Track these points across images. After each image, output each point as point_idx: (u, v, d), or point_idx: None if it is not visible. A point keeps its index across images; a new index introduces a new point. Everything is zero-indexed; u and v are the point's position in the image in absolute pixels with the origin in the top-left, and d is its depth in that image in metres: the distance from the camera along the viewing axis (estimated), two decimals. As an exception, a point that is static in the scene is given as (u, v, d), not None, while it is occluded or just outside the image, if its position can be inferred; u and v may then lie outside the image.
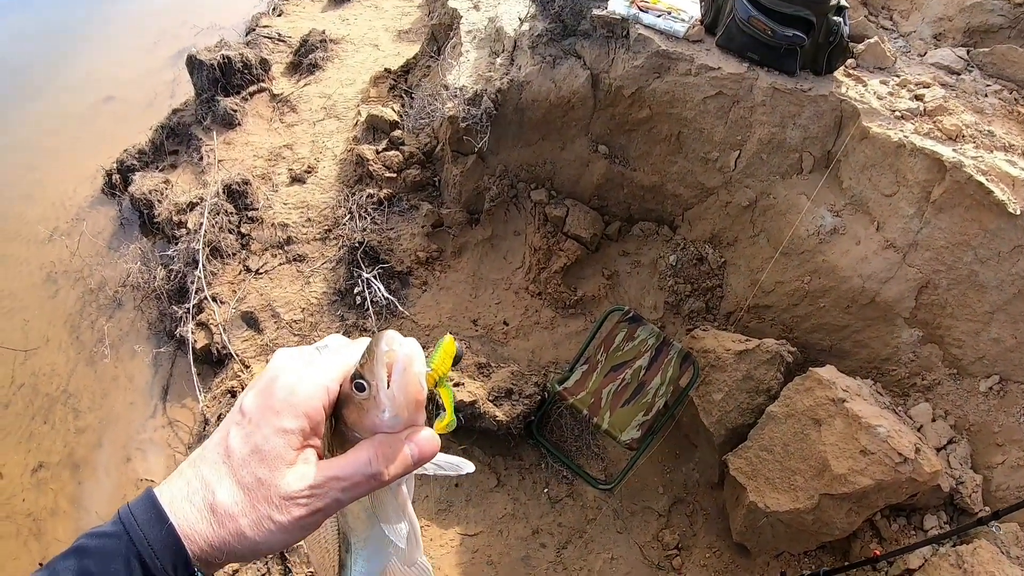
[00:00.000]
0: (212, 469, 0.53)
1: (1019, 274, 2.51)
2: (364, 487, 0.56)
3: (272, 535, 0.52)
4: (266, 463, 0.52)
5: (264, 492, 0.52)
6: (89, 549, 0.50)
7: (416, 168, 3.65)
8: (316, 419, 0.55)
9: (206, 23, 5.65)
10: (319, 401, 0.55)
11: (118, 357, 3.84)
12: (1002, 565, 2.18)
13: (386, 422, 0.56)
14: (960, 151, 2.66)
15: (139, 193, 4.22)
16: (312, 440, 0.55)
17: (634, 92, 3.12)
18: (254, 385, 0.58)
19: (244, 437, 0.54)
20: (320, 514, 0.54)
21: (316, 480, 0.53)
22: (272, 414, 0.54)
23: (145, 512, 0.51)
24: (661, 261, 3.31)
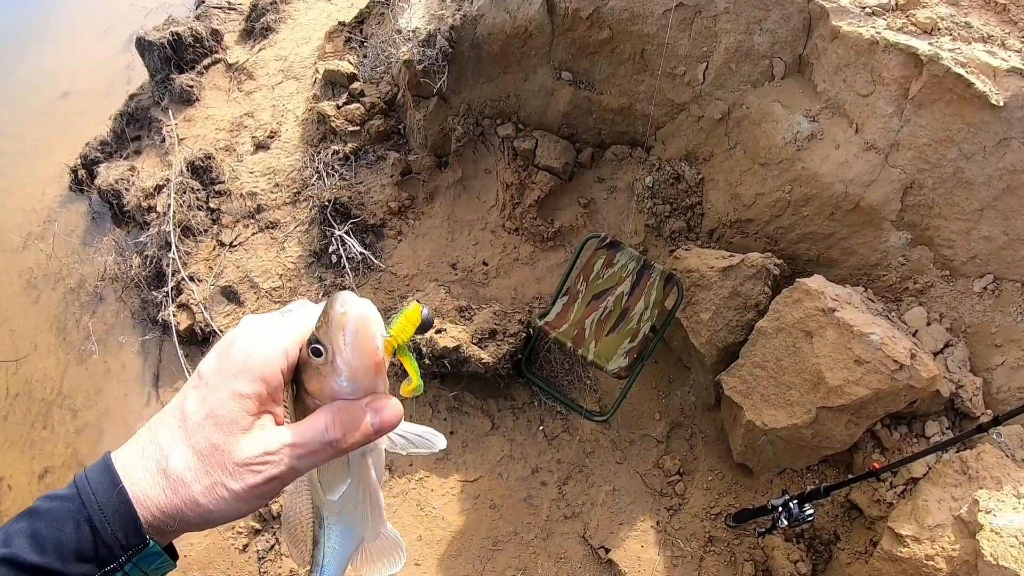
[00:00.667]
0: (167, 434, 0.52)
1: (1007, 168, 2.40)
2: (321, 455, 0.53)
3: (225, 503, 0.51)
4: (220, 428, 0.51)
5: (218, 458, 0.50)
6: (41, 511, 0.49)
7: (379, 118, 3.53)
8: (274, 384, 0.53)
9: (155, 3, 5.47)
10: (277, 365, 0.53)
11: (106, 351, 3.82)
12: (1007, 468, 2.13)
13: (344, 388, 0.54)
14: (936, 44, 2.52)
15: (106, 185, 4.13)
16: (270, 406, 0.53)
17: (591, 13, 2.98)
18: (214, 349, 0.56)
19: (200, 401, 0.52)
20: (275, 482, 0.52)
21: (271, 446, 0.51)
22: (228, 377, 0.52)
23: (99, 476, 0.50)
24: (637, 183, 3.20)
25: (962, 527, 2.08)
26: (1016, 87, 2.32)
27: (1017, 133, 2.34)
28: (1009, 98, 2.32)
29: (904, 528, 2.15)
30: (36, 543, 0.48)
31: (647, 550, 2.64)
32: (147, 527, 0.49)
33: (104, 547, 0.48)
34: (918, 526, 2.15)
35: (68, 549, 0.48)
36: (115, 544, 0.48)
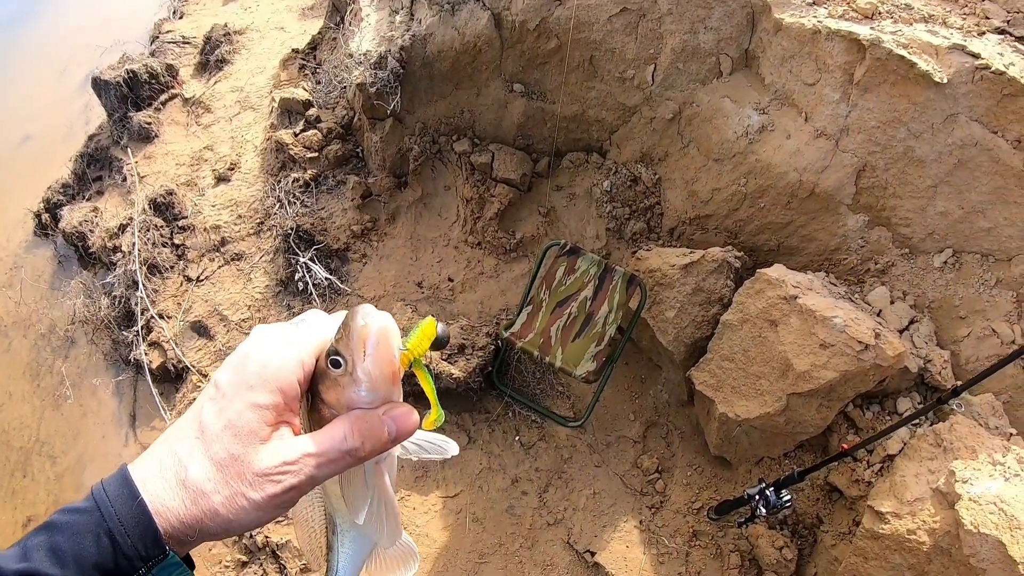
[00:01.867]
0: (185, 445, 0.52)
1: (956, 143, 2.42)
2: (340, 464, 0.54)
3: (245, 513, 0.51)
4: (239, 438, 0.51)
5: (237, 468, 0.50)
6: (60, 524, 0.49)
7: (336, 143, 3.51)
8: (291, 394, 0.53)
9: (109, 41, 5.43)
10: (293, 375, 0.53)
11: (81, 395, 3.77)
12: (981, 437, 2.12)
13: (363, 398, 0.54)
14: (878, 28, 2.56)
15: (70, 227, 4.08)
16: (287, 416, 0.54)
17: (538, 24, 3.00)
18: (229, 361, 0.56)
19: (217, 412, 0.52)
20: (294, 491, 0.52)
21: (290, 456, 0.52)
22: (245, 388, 0.52)
23: (117, 488, 0.50)
24: (595, 189, 3.20)
25: (940, 499, 2.08)
26: (958, 63, 2.34)
27: (963, 108, 2.36)
28: (952, 75, 2.34)
29: (884, 505, 2.16)
30: (56, 557, 0.48)
31: (632, 550, 2.65)
32: (166, 538, 0.49)
33: (124, 559, 0.48)
34: (897, 502, 2.16)
35: (88, 562, 0.48)
36: (135, 556, 0.48)
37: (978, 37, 2.49)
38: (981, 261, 2.50)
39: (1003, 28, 2.52)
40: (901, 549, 2.10)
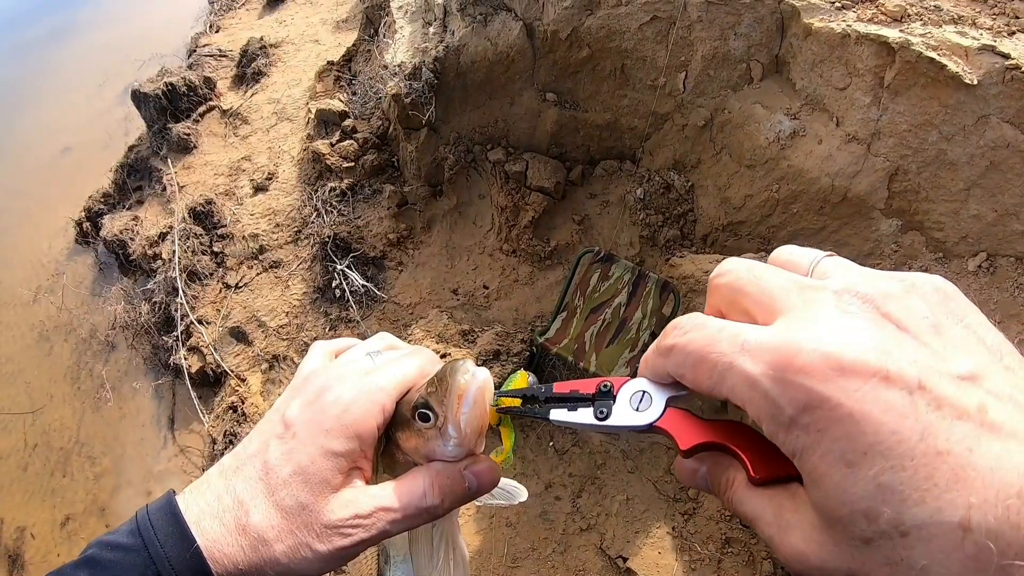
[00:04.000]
0: (247, 485, 0.49)
1: (988, 145, 2.48)
2: (416, 520, 0.52)
3: (308, 563, 0.49)
4: (309, 487, 0.49)
5: (305, 518, 0.48)
6: (103, 563, 0.47)
7: (372, 153, 3.67)
8: (368, 441, 0.51)
9: (147, 54, 5.72)
10: (374, 421, 0.51)
11: (121, 398, 3.97)
12: None
13: (448, 453, 0.52)
14: (907, 31, 2.64)
15: (111, 235, 4.32)
16: (360, 462, 0.52)
17: (570, 33, 3.14)
18: (299, 392, 0.54)
19: (286, 454, 0.50)
20: (364, 545, 0.50)
21: (363, 510, 0.49)
22: (321, 433, 0.50)
23: (166, 525, 0.48)
24: (629, 196, 3.31)
25: None
26: (989, 64, 2.38)
27: (994, 110, 2.40)
28: (983, 76, 2.38)
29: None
30: None
31: (665, 556, 2.72)
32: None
33: None
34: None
35: None
36: None
37: (1008, 37, 2.53)
38: (1015, 264, 2.54)
39: None
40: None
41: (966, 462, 0.30)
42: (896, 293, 0.37)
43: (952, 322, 0.35)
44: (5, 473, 3.93)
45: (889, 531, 0.31)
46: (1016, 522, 0.29)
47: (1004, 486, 0.29)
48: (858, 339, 0.34)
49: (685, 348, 0.40)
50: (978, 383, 0.32)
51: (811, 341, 0.35)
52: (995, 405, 0.32)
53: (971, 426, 0.31)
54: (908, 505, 0.31)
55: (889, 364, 0.33)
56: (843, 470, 0.32)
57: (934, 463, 0.30)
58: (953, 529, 0.30)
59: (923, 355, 0.33)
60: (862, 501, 0.32)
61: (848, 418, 0.32)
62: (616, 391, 0.47)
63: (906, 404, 0.32)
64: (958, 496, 0.30)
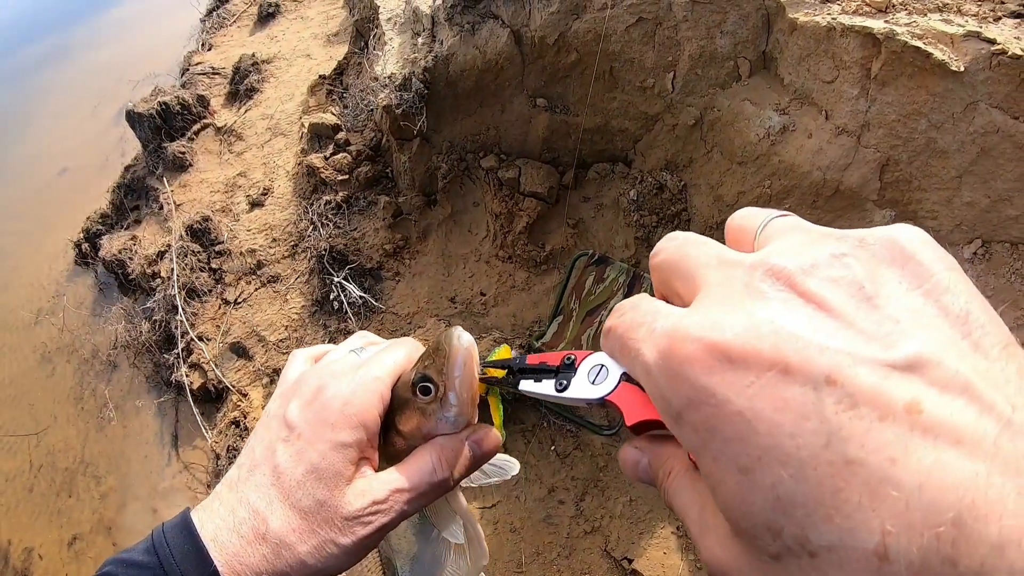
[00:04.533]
0: (260, 494, 0.50)
1: (978, 131, 2.49)
2: (430, 496, 0.53)
3: (335, 559, 0.49)
4: (324, 482, 0.49)
5: (325, 515, 0.49)
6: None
7: (366, 165, 3.70)
8: (373, 430, 0.52)
9: (141, 75, 5.78)
10: (375, 410, 0.52)
11: (124, 417, 4.00)
12: None
13: (449, 423, 0.53)
14: (892, 21, 2.66)
15: (109, 256, 4.35)
16: (367, 452, 0.53)
17: (557, 38, 3.17)
18: (293, 395, 0.54)
19: (295, 455, 0.50)
20: (385, 530, 0.51)
21: (380, 495, 0.50)
22: (326, 427, 0.50)
23: (182, 543, 0.48)
24: (622, 198, 3.33)
25: None
26: (974, 50, 2.39)
27: (982, 96, 2.41)
28: (969, 62, 2.39)
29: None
30: None
31: (670, 556, 2.73)
32: None
33: None
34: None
35: None
36: None
37: (994, 23, 2.54)
38: (1011, 250, 2.55)
39: (1019, 12, 2.55)
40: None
41: (885, 476, 0.25)
42: (822, 263, 0.31)
43: (904, 289, 0.29)
44: (11, 495, 3.96)
45: (796, 549, 0.26)
46: (950, 555, 0.23)
47: (934, 509, 0.23)
48: (754, 324, 0.29)
49: (615, 331, 0.37)
50: (919, 371, 0.26)
51: (700, 328, 0.30)
52: (936, 401, 0.25)
53: (898, 430, 0.25)
54: (813, 522, 0.26)
55: (790, 354, 0.27)
56: (737, 476, 0.28)
57: (843, 475, 0.25)
58: (867, 556, 0.24)
59: (842, 340, 0.27)
60: (761, 513, 0.27)
61: (737, 417, 0.28)
62: (578, 364, 0.49)
63: (809, 402, 0.26)
64: (873, 518, 0.24)
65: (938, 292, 0.29)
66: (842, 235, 0.33)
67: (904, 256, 0.30)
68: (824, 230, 0.34)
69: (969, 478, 0.23)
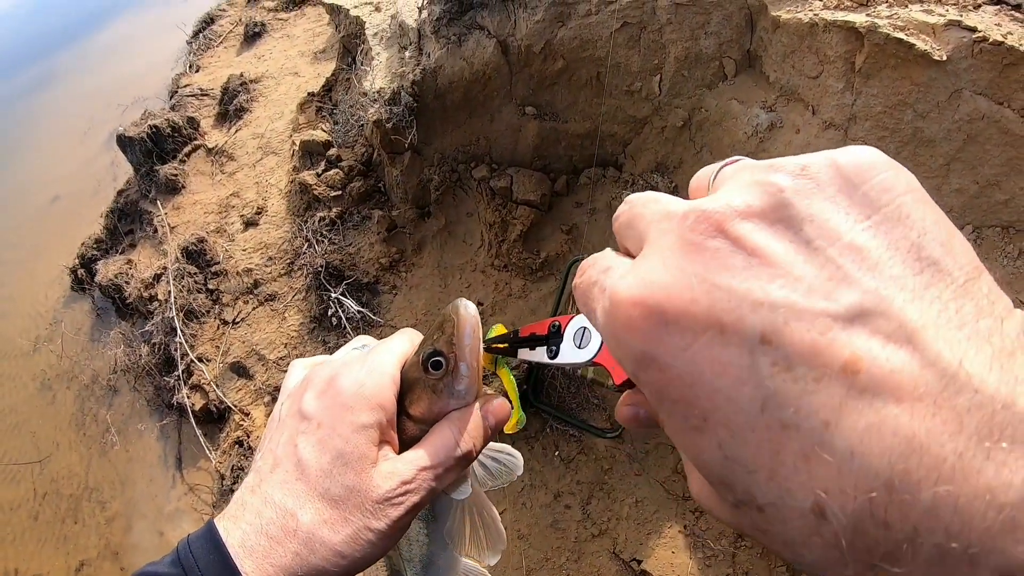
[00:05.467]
0: (285, 490, 0.49)
1: (963, 119, 2.54)
2: (456, 470, 0.53)
3: (371, 545, 0.48)
4: (352, 467, 0.49)
5: (356, 500, 0.48)
6: None
7: (359, 180, 3.73)
8: (391, 411, 0.52)
9: (130, 99, 5.83)
10: (390, 391, 0.52)
11: (127, 441, 4.01)
12: None
13: (461, 396, 0.54)
14: (873, 14, 2.70)
15: (106, 280, 4.37)
16: (388, 434, 0.52)
17: (543, 47, 3.21)
18: (305, 389, 0.54)
19: (318, 444, 0.50)
20: (416, 509, 0.51)
21: (407, 475, 0.50)
22: (346, 411, 0.50)
23: (207, 554, 0.47)
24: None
25: None
26: (956, 39, 2.43)
27: (966, 83, 2.44)
28: (951, 51, 2.42)
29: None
30: None
31: (679, 555, 2.75)
32: None
33: None
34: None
35: None
36: None
37: (974, 10, 2.58)
38: (1002, 234, 2.59)
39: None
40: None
41: (818, 441, 0.24)
42: (756, 202, 0.29)
43: (850, 223, 0.27)
44: (16, 523, 3.97)
45: (747, 501, 0.27)
46: (883, 519, 0.23)
47: (866, 474, 0.23)
48: (687, 281, 0.27)
49: (577, 289, 0.37)
50: (862, 322, 0.25)
51: (635, 287, 0.29)
52: (878, 355, 0.24)
53: (834, 391, 0.24)
54: (756, 480, 0.26)
55: (723, 313, 0.26)
56: (690, 434, 0.28)
57: (779, 439, 0.25)
58: (806, 514, 0.25)
59: (777, 292, 0.26)
60: (715, 469, 0.28)
61: (679, 381, 0.27)
62: (564, 329, 0.51)
63: (744, 365, 0.26)
64: (807, 481, 0.25)
65: (890, 223, 0.27)
66: (781, 164, 0.30)
67: (851, 184, 0.28)
68: (769, 162, 0.31)
69: (904, 441, 0.23)
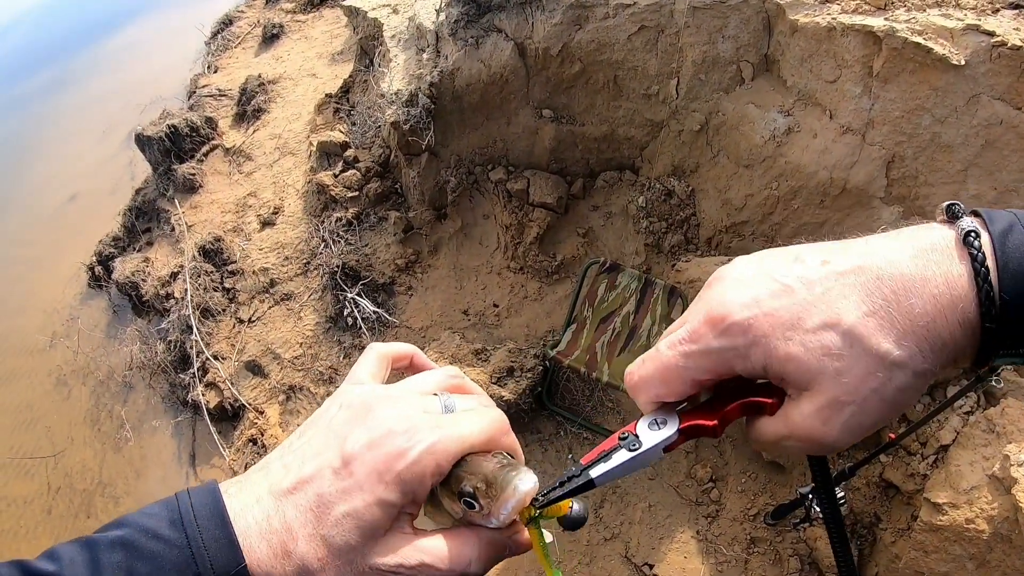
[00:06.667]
0: (297, 513, 0.50)
1: (981, 124, 2.55)
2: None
3: None
4: (360, 531, 0.50)
5: (350, 557, 0.50)
6: (141, 550, 0.47)
7: (375, 181, 3.79)
8: (421, 498, 0.53)
9: (148, 98, 5.93)
10: (431, 480, 0.52)
11: (141, 437, 4.06)
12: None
13: (491, 524, 0.54)
14: (891, 18, 2.72)
15: (122, 278, 4.44)
16: (411, 508, 0.53)
17: (561, 50, 3.25)
18: (362, 421, 0.54)
19: (341, 492, 0.51)
20: None
21: (409, 561, 0.51)
22: (379, 483, 0.51)
23: (213, 528, 0.49)
24: (631, 206, 3.40)
25: (997, 485, 2.15)
26: (975, 43, 2.44)
27: (984, 88, 2.46)
28: (970, 56, 2.44)
29: (940, 496, 2.24)
30: None
31: (691, 560, 2.77)
32: None
33: None
34: (954, 492, 2.24)
35: None
36: None
37: (992, 15, 2.59)
38: (1020, 240, 2.58)
39: (1017, 2, 2.59)
40: (960, 539, 2.17)
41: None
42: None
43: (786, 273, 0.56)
44: (30, 517, 4.03)
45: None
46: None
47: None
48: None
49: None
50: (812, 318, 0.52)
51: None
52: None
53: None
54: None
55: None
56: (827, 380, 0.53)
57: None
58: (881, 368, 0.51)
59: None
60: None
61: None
62: (635, 430, 0.55)
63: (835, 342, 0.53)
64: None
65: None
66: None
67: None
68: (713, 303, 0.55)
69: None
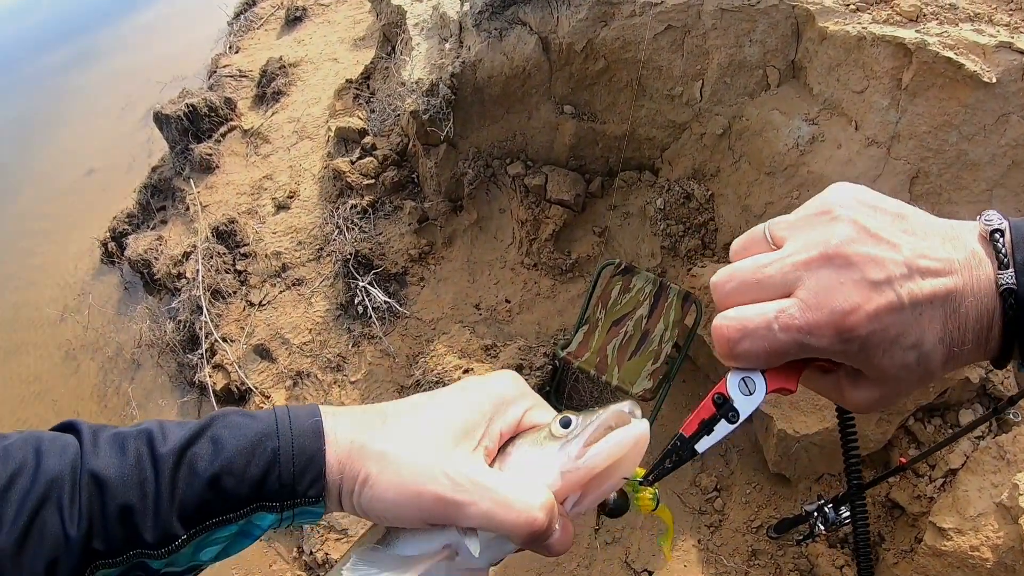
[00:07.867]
0: (396, 407, 0.55)
1: (1010, 144, 2.51)
2: (501, 524, 0.50)
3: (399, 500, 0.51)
4: (456, 438, 0.53)
5: (435, 448, 0.52)
6: (229, 423, 0.51)
7: (392, 169, 3.81)
8: (510, 423, 0.56)
9: (168, 77, 5.98)
10: (515, 418, 0.56)
11: (147, 415, 4.11)
12: None
13: (560, 462, 0.52)
14: (923, 31, 2.70)
15: (135, 255, 4.50)
16: (491, 439, 0.55)
17: (585, 46, 3.25)
18: (502, 413, 0.56)
19: (453, 401, 0.55)
20: (453, 507, 0.50)
21: (468, 493, 0.50)
22: (469, 441, 0.53)
23: (304, 417, 0.52)
24: (649, 207, 3.39)
25: (1004, 513, 2.15)
26: (1007, 62, 2.41)
27: (1015, 107, 2.43)
28: (1001, 73, 2.41)
29: (946, 521, 2.24)
30: (216, 446, 0.50)
31: (691, 569, 2.77)
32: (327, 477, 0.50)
33: (277, 483, 0.50)
34: (960, 517, 2.23)
35: (247, 474, 0.49)
36: (288, 488, 0.50)
37: (1026, 34, 2.57)
38: (1043, 264, 2.56)
39: None
40: (964, 566, 2.16)
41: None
42: (848, 233, 0.50)
43: (885, 223, 0.53)
44: (34, 492, 4.09)
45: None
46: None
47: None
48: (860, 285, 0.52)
49: (755, 333, 0.52)
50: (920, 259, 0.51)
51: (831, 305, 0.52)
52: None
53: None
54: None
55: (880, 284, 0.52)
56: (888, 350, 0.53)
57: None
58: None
59: (891, 266, 0.52)
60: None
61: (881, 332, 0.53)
62: (727, 394, 0.55)
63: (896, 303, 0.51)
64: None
65: (895, 219, 0.53)
66: (825, 206, 0.54)
67: (868, 205, 0.53)
68: (813, 211, 0.54)
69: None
